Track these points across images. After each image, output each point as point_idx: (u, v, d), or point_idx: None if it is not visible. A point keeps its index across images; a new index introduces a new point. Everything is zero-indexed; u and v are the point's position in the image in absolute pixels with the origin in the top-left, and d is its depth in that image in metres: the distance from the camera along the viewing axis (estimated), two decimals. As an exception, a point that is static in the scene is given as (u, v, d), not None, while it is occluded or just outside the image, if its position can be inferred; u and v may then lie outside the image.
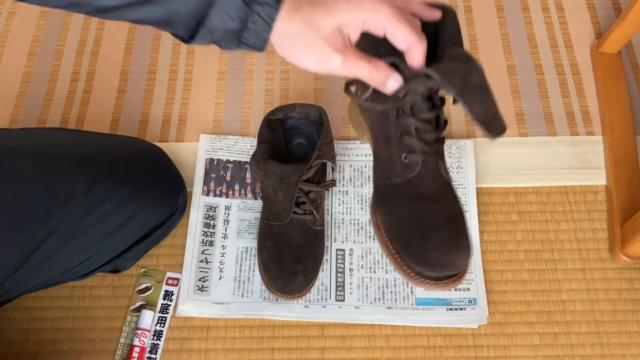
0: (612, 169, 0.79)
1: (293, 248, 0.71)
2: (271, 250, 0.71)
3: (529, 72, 0.90)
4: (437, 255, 0.46)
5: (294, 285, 0.69)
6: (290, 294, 0.70)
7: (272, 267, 0.70)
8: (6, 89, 0.89)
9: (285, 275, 0.69)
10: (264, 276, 0.71)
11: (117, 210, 0.65)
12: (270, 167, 0.68)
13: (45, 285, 0.66)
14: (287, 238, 0.71)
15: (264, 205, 0.74)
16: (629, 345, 0.71)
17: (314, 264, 0.72)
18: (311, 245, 0.72)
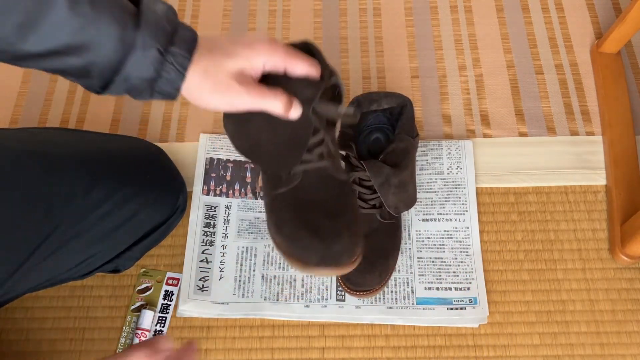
0: (612, 169, 0.80)
1: (321, 205, 0.54)
2: (293, 220, 0.54)
3: (529, 72, 0.90)
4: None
5: (338, 246, 0.52)
6: (337, 261, 0.51)
7: (302, 236, 0.52)
8: (6, 89, 0.89)
9: (324, 237, 0.52)
10: (293, 253, 0.53)
11: (117, 210, 0.65)
12: None
13: (45, 285, 0.66)
14: (309, 198, 0.54)
15: (261, 171, 0.60)
16: (629, 345, 0.71)
17: (353, 218, 0.55)
18: (343, 196, 0.56)
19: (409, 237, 0.77)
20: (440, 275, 0.74)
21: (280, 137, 0.52)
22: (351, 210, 0.54)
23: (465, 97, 0.88)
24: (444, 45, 0.92)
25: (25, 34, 0.41)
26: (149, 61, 0.44)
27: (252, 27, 0.94)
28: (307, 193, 0.53)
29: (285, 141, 0.53)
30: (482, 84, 0.89)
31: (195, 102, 0.48)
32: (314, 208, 0.53)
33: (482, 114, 0.86)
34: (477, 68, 0.90)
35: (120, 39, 0.43)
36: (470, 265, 0.75)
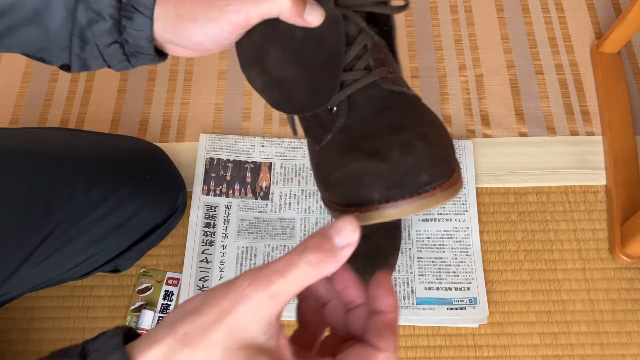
0: (612, 169, 0.80)
1: (384, 130, 0.38)
2: (340, 158, 0.38)
3: (529, 72, 0.90)
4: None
5: (412, 158, 0.35)
6: (414, 181, 0.34)
7: (351, 164, 0.36)
8: (6, 89, 0.89)
9: (386, 153, 0.35)
10: (347, 197, 0.36)
11: (117, 210, 0.65)
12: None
13: (45, 285, 0.66)
14: (364, 130, 0.39)
15: (303, 128, 0.45)
16: (629, 345, 0.71)
17: (433, 129, 0.38)
18: (409, 110, 0.40)
19: (409, 237, 0.77)
20: (440, 275, 0.74)
21: (305, 59, 0.39)
22: (422, 121, 0.38)
23: (465, 97, 0.88)
24: (444, 45, 0.92)
25: None
26: (100, 6, 0.38)
27: (252, 27, 0.94)
28: (360, 126, 0.38)
29: (312, 64, 0.39)
30: (482, 84, 0.89)
31: (179, 41, 0.40)
32: (372, 135, 0.37)
33: (482, 114, 0.86)
34: (477, 68, 0.90)
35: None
36: (470, 265, 0.75)
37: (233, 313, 0.27)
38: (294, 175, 0.81)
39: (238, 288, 0.27)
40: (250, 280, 0.27)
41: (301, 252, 0.28)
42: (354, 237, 0.29)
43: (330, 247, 0.28)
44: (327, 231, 0.29)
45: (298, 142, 0.83)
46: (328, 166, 0.39)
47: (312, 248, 0.28)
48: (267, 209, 0.79)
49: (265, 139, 0.84)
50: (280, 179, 0.81)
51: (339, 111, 0.40)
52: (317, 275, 0.28)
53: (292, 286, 0.28)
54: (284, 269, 0.27)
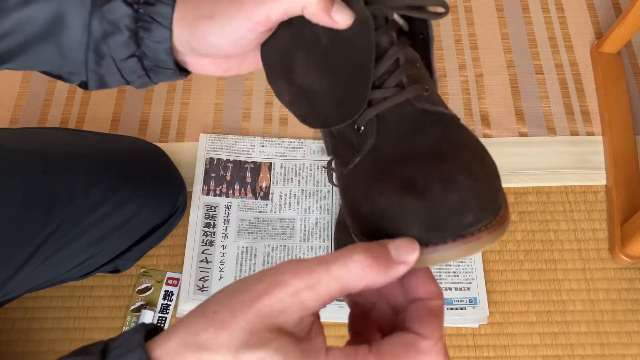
0: (612, 169, 0.80)
1: (419, 156, 0.33)
2: (371, 187, 0.33)
3: (529, 72, 0.90)
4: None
5: (454, 196, 0.30)
6: (457, 222, 0.30)
7: (384, 196, 0.32)
8: (6, 89, 0.89)
9: (425, 188, 0.31)
10: (379, 231, 0.32)
11: (117, 210, 0.65)
12: None
13: (45, 286, 0.66)
14: (396, 154, 0.34)
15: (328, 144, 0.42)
16: (629, 345, 0.71)
17: (476, 156, 0.33)
18: (448, 132, 0.35)
19: (409, 237, 0.77)
20: (440, 275, 0.74)
21: (331, 67, 0.36)
22: (464, 145, 0.33)
23: (465, 97, 0.88)
24: (444, 45, 0.92)
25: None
26: (117, 16, 0.36)
27: (252, 27, 0.94)
28: (392, 149, 0.34)
29: (338, 72, 0.36)
30: (482, 84, 0.89)
31: (196, 44, 0.37)
32: (407, 162, 0.33)
33: (482, 114, 0.86)
34: (477, 68, 0.90)
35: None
36: (470, 265, 0.75)
37: (266, 297, 0.26)
38: (294, 175, 0.81)
39: (276, 274, 0.27)
40: (290, 268, 0.27)
41: (352, 250, 0.27)
42: (411, 257, 0.28)
43: (384, 257, 0.27)
44: (386, 243, 0.28)
45: (298, 142, 0.83)
46: (358, 196, 0.34)
47: (366, 251, 0.27)
48: (267, 209, 0.79)
49: (265, 139, 0.84)
50: (280, 179, 0.81)
51: (367, 131, 0.35)
52: (362, 279, 0.27)
53: (333, 281, 0.26)
54: (330, 261, 0.27)
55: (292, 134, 0.85)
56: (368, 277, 0.27)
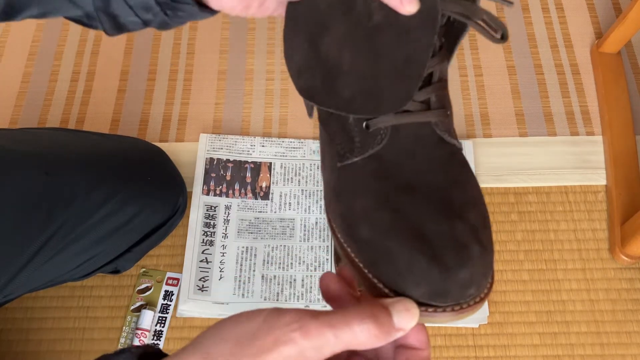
0: (612, 169, 0.80)
1: (425, 191, 0.32)
2: (377, 213, 0.32)
3: (529, 72, 0.90)
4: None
5: (465, 272, 0.29)
6: (460, 296, 0.30)
7: (399, 248, 0.30)
8: (6, 89, 0.89)
9: (439, 253, 0.29)
10: (381, 274, 0.31)
11: (117, 211, 0.65)
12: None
13: (45, 286, 0.66)
14: (403, 175, 0.33)
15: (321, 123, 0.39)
16: (629, 345, 0.71)
17: (480, 216, 0.32)
18: (457, 176, 0.34)
19: (409, 237, 0.77)
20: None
21: (376, 52, 0.32)
22: (474, 202, 0.32)
23: (465, 97, 0.88)
24: (444, 45, 0.92)
25: None
26: None
27: (252, 27, 0.94)
28: (398, 167, 0.33)
29: (383, 60, 0.32)
30: (482, 84, 0.89)
31: None
32: (413, 195, 0.31)
33: (482, 113, 0.86)
34: (477, 68, 0.90)
35: None
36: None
37: (273, 353, 0.26)
38: (294, 175, 0.81)
39: (285, 327, 0.26)
40: (300, 324, 0.26)
41: (361, 317, 0.27)
42: (410, 325, 0.28)
43: (388, 324, 0.27)
44: (389, 307, 0.28)
45: (298, 142, 0.83)
46: (356, 209, 0.32)
47: (374, 320, 0.27)
48: (267, 209, 0.79)
49: (265, 139, 0.84)
50: (280, 179, 0.81)
51: (376, 135, 0.33)
52: (365, 345, 0.27)
53: (338, 345, 0.26)
54: (339, 327, 0.26)
55: (292, 134, 0.85)
56: (370, 343, 0.27)
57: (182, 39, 0.93)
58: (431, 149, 0.33)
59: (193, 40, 0.93)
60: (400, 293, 0.30)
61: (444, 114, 0.34)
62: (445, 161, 0.33)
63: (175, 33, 0.94)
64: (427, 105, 0.34)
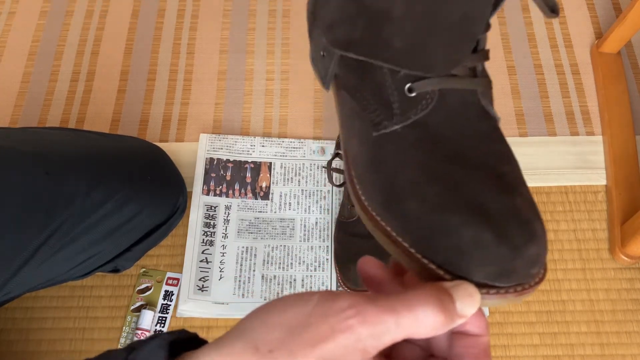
0: (612, 169, 0.80)
1: (475, 163, 0.30)
2: (430, 184, 0.29)
3: (529, 72, 0.90)
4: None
5: (534, 247, 0.28)
6: (527, 274, 0.28)
7: (460, 224, 0.27)
8: (6, 89, 0.89)
9: (509, 231, 0.27)
10: (432, 258, 0.28)
11: (117, 210, 0.65)
12: None
13: (45, 285, 0.66)
14: (450, 146, 0.31)
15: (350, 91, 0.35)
16: (629, 345, 0.71)
17: (527, 189, 0.32)
18: (504, 151, 0.32)
19: (409, 237, 0.77)
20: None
21: (433, 2, 0.30)
22: (521, 178, 0.32)
23: (465, 97, 0.87)
24: (444, 45, 0.92)
25: None
26: None
27: (252, 27, 0.94)
28: (444, 136, 0.30)
29: (438, 13, 0.30)
30: (482, 84, 0.89)
31: None
32: (465, 167, 0.29)
33: (482, 114, 0.86)
34: (477, 68, 0.90)
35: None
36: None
37: (329, 342, 0.23)
38: (294, 175, 0.81)
39: (341, 313, 0.23)
40: (358, 309, 0.23)
41: (424, 301, 0.24)
42: (472, 311, 0.25)
43: (452, 310, 0.25)
44: (452, 292, 0.25)
45: (298, 142, 0.83)
46: (399, 181, 0.29)
47: (439, 305, 0.24)
48: (267, 209, 0.79)
49: (265, 139, 0.84)
50: (280, 179, 0.81)
51: (420, 100, 0.31)
52: (427, 332, 0.24)
53: (400, 332, 0.24)
54: (400, 311, 0.24)
55: (292, 134, 0.85)
56: (434, 331, 0.24)
57: (182, 39, 0.93)
58: (476, 120, 0.31)
59: (193, 40, 0.93)
60: (457, 274, 0.27)
61: (489, 84, 0.33)
62: (490, 134, 0.32)
63: (175, 33, 0.94)
64: (473, 73, 0.32)
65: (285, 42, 0.93)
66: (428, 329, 0.24)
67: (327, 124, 0.86)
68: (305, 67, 0.91)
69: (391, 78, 0.31)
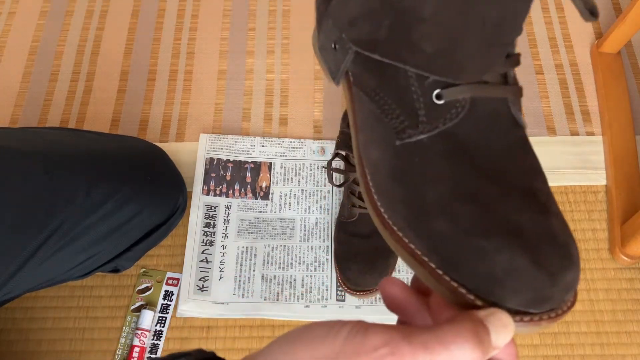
0: (612, 169, 0.80)
1: (510, 181, 0.28)
2: (462, 202, 0.28)
3: (529, 72, 0.90)
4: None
5: (571, 274, 0.27)
6: (560, 301, 0.27)
7: (495, 248, 0.26)
8: (6, 89, 0.89)
9: (546, 256, 0.26)
10: (463, 282, 0.27)
11: (117, 210, 0.65)
12: None
13: (45, 285, 0.66)
14: (483, 157, 0.29)
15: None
16: (629, 345, 0.71)
17: (558, 208, 0.29)
18: (535, 165, 0.30)
19: (409, 237, 0.76)
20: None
21: (467, 4, 0.28)
22: (549, 190, 0.29)
23: (465, 97, 0.87)
24: (444, 45, 0.92)
25: None
26: None
27: (252, 28, 0.94)
28: (475, 149, 0.28)
29: (474, 17, 0.28)
30: (482, 84, 0.89)
31: None
32: (498, 184, 0.27)
33: (482, 114, 0.86)
34: (477, 68, 0.90)
35: None
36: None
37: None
38: (294, 175, 0.81)
39: (372, 352, 0.22)
40: (392, 349, 0.22)
41: (461, 338, 0.22)
42: (505, 342, 0.24)
43: (487, 344, 0.23)
44: (486, 323, 0.23)
45: (298, 142, 0.83)
46: (426, 196, 0.28)
47: (476, 339, 0.23)
48: (267, 209, 0.79)
49: (265, 139, 0.84)
50: (280, 179, 0.81)
51: (449, 108, 0.29)
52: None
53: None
54: (434, 348, 0.22)
55: (292, 134, 0.85)
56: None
57: (182, 39, 0.93)
58: (507, 130, 0.29)
59: (193, 40, 0.93)
60: (490, 299, 0.25)
61: (520, 92, 0.30)
62: (521, 146, 0.29)
63: (175, 33, 0.94)
64: (504, 80, 0.30)
65: (285, 42, 0.93)
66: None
67: (327, 124, 0.86)
68: (305, 67, 0.91)
69: (417, 82, 0.29)
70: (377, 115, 0.31)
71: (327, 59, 0.36)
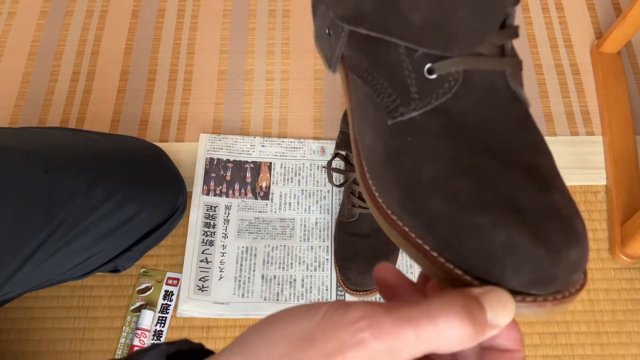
0: (612, 169, 0.80)
1: (509, 157, 0.27)
2: (458, 179, 0.26)
3: (529, 72, 0.90)
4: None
5: (576, 250, 0.25)
6: (567, 282, 0.25)
7: (493, 225, 0.24)
8: (6, 89, 0.89)
9: (548, 232, 0.24)
10: (459, 263, 0.25)
11: (117, 210, 0.65)
12: None
13: (45, 285, 0.66)
14: (479, 133, 0.28)
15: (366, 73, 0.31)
16: (629, 345, 0.71)
17: (563, 183, 0.28)
18: (538, 141, 0.29)
19: (409, 237, 0.76)
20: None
21: None
22: (554, 166, 0.28)
23: (465, 97, 0.88)
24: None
25: None
26: None
27: (252, 28, 0.94)
28: (470, 124, 0.27)
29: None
30: (482, 84, 0.89)
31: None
32: (496, 159, 0.26)
33: (482, 114, 0.86)
34: (477, 68, 0.90)
35: None
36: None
37: (337, 358, 0.20)
38: (294, 175, 0.81)
39: (352, 326, 0.21)
40: (371, 321, 0.20)
41: (448, 308, 0.21)
42: (505, 321, 0.22)
43: (482, 320, 0.21)
44: (482, 299, 0.22)
45: (298, 142, 0.83)
46: (421, 176, 0.26)
47: (467, 313, 0.21)
48: (267, 209, 0.79)
49: (265, 139, 0.84)
50: (280, 179, 0.81)
51: (442, 83, 0.27)
52: (452, 346, 0.21)
53: (420, 346, 0.21)
54: (420, 322, 0.21)
55: (292, 134, 0.85)
56: (460, 344, 0.21)
57: (182, 39, 0.93)
58: (506, 105, 0.28)
59: (193, 40, 0.93)
60: (488, 280, 0.24)
61: (519, 64, 0.29)
62: (521, 121, 0.28)
63: (175, 33, 0.94)
64: (501, 52, 0.28)
65: (285, 42, 0.93)
66: (453, 342, 0.21)
67: (327, 124, 0.86)
68: (305, 67, 0.91)
69: (408, 58, 0.28)
70: (370, 97, 0.30)
71: (323, 47, 0.36)
